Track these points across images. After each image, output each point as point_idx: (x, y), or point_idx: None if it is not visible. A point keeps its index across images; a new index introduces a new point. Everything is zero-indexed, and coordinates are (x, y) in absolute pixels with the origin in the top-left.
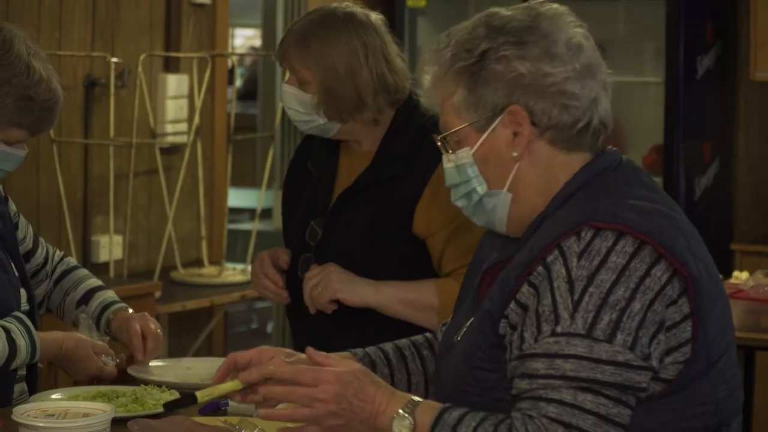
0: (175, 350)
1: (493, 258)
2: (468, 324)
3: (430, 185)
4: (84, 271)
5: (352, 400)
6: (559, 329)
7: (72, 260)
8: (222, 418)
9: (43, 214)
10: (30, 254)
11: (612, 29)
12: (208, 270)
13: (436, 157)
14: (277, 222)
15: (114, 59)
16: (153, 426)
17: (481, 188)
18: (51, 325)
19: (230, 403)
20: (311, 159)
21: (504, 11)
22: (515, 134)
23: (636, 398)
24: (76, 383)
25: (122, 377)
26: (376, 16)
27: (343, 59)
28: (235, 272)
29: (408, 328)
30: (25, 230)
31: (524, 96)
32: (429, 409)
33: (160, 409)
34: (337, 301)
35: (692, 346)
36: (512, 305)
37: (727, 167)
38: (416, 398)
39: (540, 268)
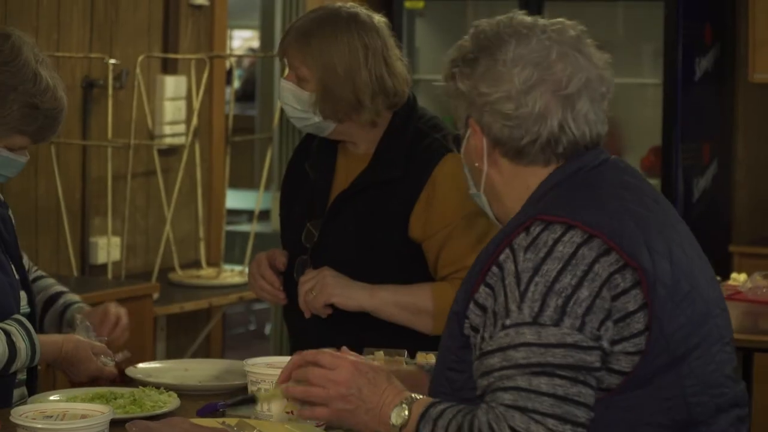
0: (173, 351)
1: None
2: None
3: (426, 189)
4: (51, 280)
5: (363, 388)
6: (508, 322)
7: (41, 271)
8: (220, 420)
9: (42, 216)
10: None
11: (611, 31)
12: (206, 271)
13: (433, 161)
14: (275, 223)
15: (112, 61)
16: (151, 427)
17: (471, 186)
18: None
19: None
20: (309, 161)
21: (485, 24)
22: (476, 145)
23: (595, 379)
24: (76, 385)
25: (120, 378)
26: (379, 18)
27: (343, 59)
28: (233, 274)
29: (403, 333)
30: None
31: (473, 111)
32: (422, 403)
33: (158, 411)
34: (332, 305)
35: (647, 338)
36: (471, 306)
37: (725, 169)
38: (419, 395)
39: (494, 268)
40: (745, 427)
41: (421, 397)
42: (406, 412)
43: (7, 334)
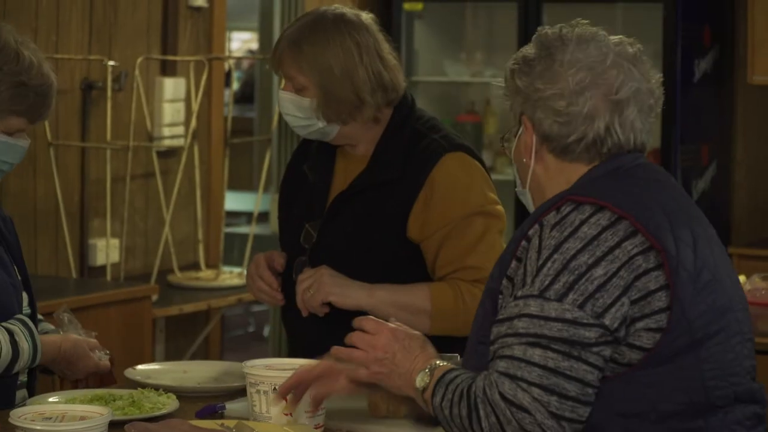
0: (172, 353)
1: None
2: None
3: (424, 189)
4: None
5: (397, 353)
6: (519, 293)
7: None
8: (219, 422)
9: (41, 218)
10: None
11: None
12: (205, 273)
13: (431, 162)
14: (274, 225)
15: (111, 62)
16: (150, 429)
17: (518, 182)
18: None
19: (227, 406)
20: (308, 163)
21: (549, 29)
22: (527, 141)
23: (596, 356)
24: (72, 383)
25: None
26: (366, 16)
27: (338, 60)
28: (232, 276)
29: None
30: None
31: (527, 108)
32: (443, 369)
33: (157, 412)
34: (329, 304)
35: (668, 316)
36: (504, 281)
37: (724, 170)
38: (443, 362)
39: (524, 242)
40: (763, 427)
41: (446, 364)
42: (428, 378)
43: (11, 333)
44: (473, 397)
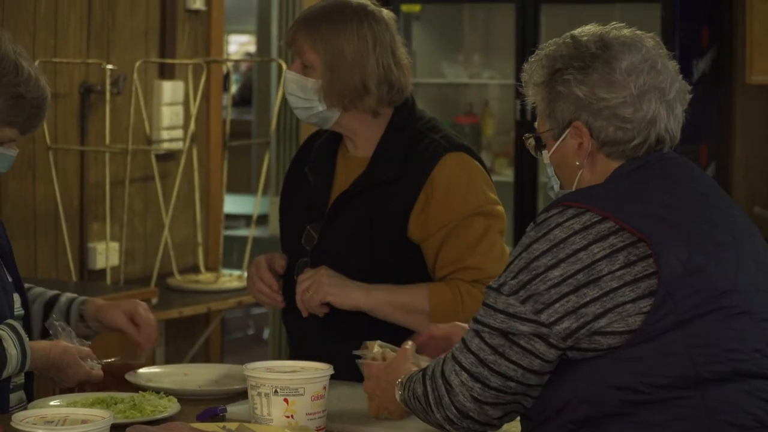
0: (172, 356)
1: None
2: None
3: (425, 189)
4: (43, 288)
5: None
6: (491, 284)
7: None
8: (220, 424)
9: (40, 222)
10: None
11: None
12: (205, 276)
13: (432, 162)
14: (273, 228)
15: (109, 66)
16: None
17: (556, 186)
18: None
19: (228, 408)
20: (308, 165)
21: (583, 33)
22: (579, 145)
23: (530, 354)
24: (64, 390)
25: (114, 383)
26: (387, 13)
27: (351, 45)
28: (231, 278)
29: (402, 332)
30: None
31: (585, 114)
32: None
33: (158, 415)
34: (329, 305)
35: (654, 300)
36: None
37: (723, 171)
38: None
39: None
40: None
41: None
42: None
43: None
44: (428, 375)
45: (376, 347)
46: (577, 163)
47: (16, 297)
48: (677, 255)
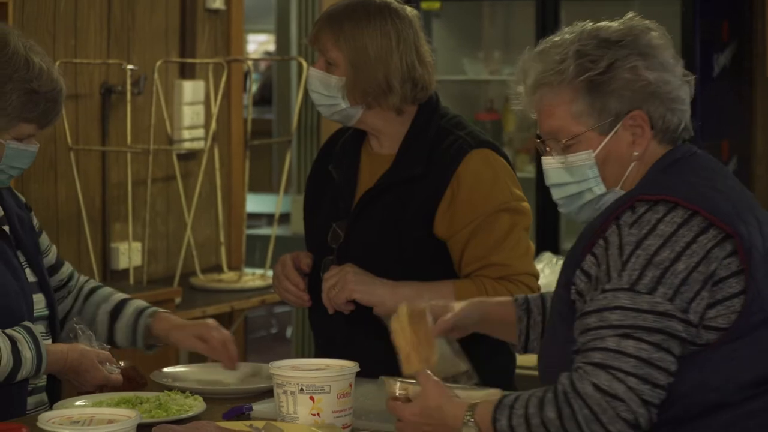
0: (196, 355)
1: None
2: None
3: (451, 186)
4: (111, 288)
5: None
6: (608, 286)
7: (96, 281)
8: (247, 423)
9: (62, 223)
10: (53, 270)
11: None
12: (228, 275)
13: (457, 159)
14: (295, 227)
15: (130, 66)
16: (177, 431)
17: (598, 188)
18: None
19: (254, 407)
20: (333, 163)
21: (604, 26)
22: (634, 136)
23: (680, 347)
24: (82, 393)
25: (131, 388)
26: (411, 11)
27: (375, 42)
28: (254, 277)
29: None
30: (46, 245)
31: (646, 102)
32: (487, 403)
33: (184, 415)
34: (355, 302)
35: (744, 298)
36: (578, 273)
37: (745, 165)
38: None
39: (600, 241)
40: None
41: (478, 401)
42: (473, 422)
43: (14, 342)
44: (561, 395)
45: (398, 384)
46: (636, 153)
47: (40, 297)
48: (757, 247)
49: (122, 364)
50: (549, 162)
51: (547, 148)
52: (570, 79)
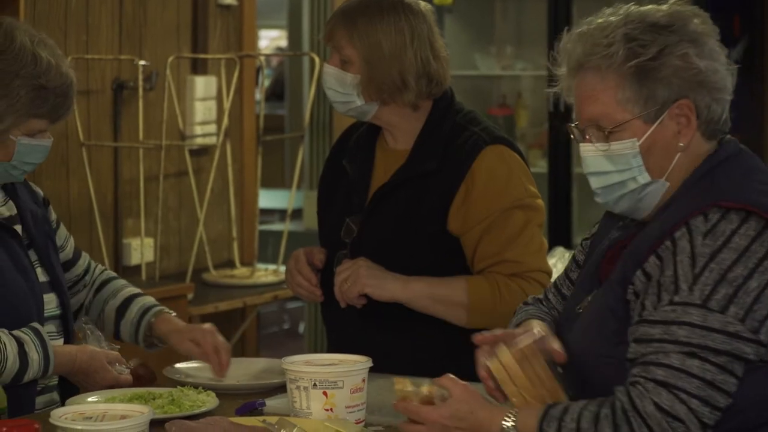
0: None
1: (614, 236)
2: (590, 297)
3: (465, 182)
4: (123, 281)
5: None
6: (677, 299)
7: (111, 272)
8: (260, 418)
9: (75, 218)
10: (70, 264)
11: None
12: (240, 271)
13: (471, 155)
14: (307, 222)
15: (142, 62)
16: (190, 427)
17: (642, 177)
18: None
19: (267, 402)
20: (347, 158)
21: (651, 9)
22: (679, 126)
23: (743, 368)
24: None
25: (138, 384)
26: (425, 5)
27: (389, 39)
28: (266, 273)
29: (441, 325)
30: (63, 239)
31: (693, 91)
32: (530, 412)
33: (197, 410)
34: (367, 296)
35: None
36: (638, 273)
37: None
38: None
39: (667, 242)
40: None
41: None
42: (513, 419)
43: (21, 343)
44: (620, 412)
45: (410, 385)
46: (681, 144)
47: (51, 297)
48: None
49: (132, 364)
50: (588, 149)
51: (587, 136)
52: (619, 64)
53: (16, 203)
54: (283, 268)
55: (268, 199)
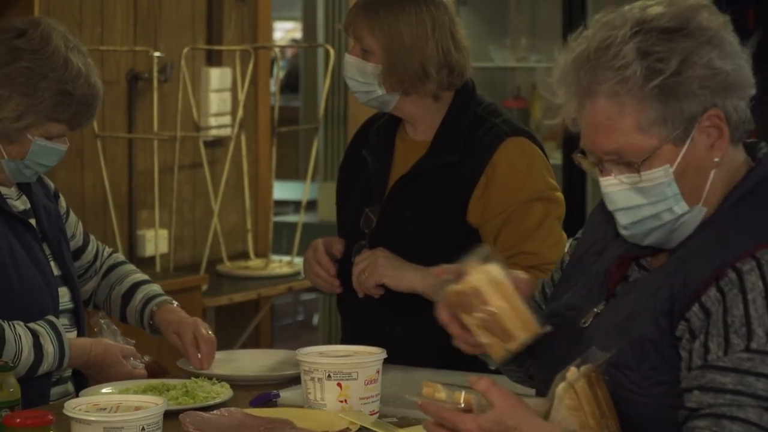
0: (223, 343)
1: (622, 248)
2: (598, 310)
3: (485, 173)
4: (130, 266)
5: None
6: (753, 345)
7: (120, 256)
8: (274, 410)
9: (89, 210)
10: (80, 251)
11: None
12: (255, 262)
13: (493, 146)
14: (322, 214)
15: (157, 53)
16: (205, 418)
17: (678, 207)
18: None
19: (281, 393)
20: (367, 148)
21: (650, 12)
22: (711, 138)
23: None
24: None
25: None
26: None
27: (410, 29)
28: (281, 264)
29: None
30: (74, 227)
31: (721, 97)
32: None
33: (211, 402)
34: (384, 287)
35: None
36: (695, 308)
37: None
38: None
39: (732, 275)
40: None
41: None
42: None
43: (36, 336)
44: None
45: (441, 391)
46: (716, 160)
47: (64, 291)
48: None
49: (146, 359)
50: (611, 184)
51: (605, 168)
52: (639, 86)
53: (29, 198)
54: (297, 260)
55: (282, 190)
